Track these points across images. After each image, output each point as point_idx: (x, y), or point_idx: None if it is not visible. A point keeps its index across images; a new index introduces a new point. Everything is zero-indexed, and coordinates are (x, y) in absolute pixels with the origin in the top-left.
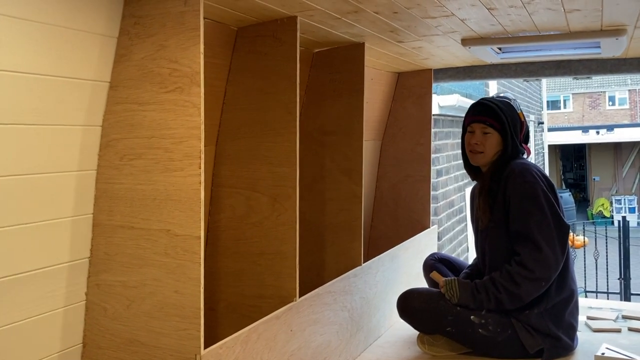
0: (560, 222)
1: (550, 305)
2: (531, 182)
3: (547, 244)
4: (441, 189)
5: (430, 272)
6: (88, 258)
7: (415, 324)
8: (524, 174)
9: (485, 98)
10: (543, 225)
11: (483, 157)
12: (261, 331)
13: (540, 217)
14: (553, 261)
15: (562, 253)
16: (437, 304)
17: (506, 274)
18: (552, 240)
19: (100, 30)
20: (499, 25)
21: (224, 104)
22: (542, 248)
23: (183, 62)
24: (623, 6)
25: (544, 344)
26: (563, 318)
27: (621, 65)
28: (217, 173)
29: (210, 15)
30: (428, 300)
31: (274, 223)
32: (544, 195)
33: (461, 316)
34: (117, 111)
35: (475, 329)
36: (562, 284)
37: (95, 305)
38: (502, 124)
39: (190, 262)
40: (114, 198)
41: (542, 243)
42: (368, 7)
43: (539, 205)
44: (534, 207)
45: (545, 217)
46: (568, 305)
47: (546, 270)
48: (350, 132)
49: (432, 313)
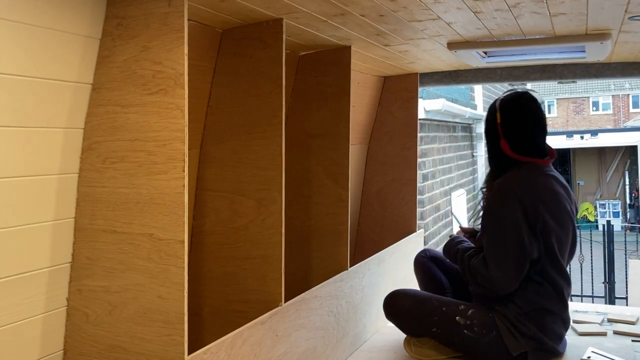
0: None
1: (535, 309)
2: (496, 200)
3: (497, 266)
4: (427, 193)
5: (422, 269)
6: (69, 263)
7: (401, 324)
8: (496, 191)
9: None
10: (493, 245)
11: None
12: (246, 337)
13: (492, 236)
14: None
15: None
16: (423, 304)
17: (470, 263)
18: (503, 262)
19: (83, 32)
20: (484, 29)
21: (208, 107)
22: (487, 267)
23: (167, 64)
24: (608, 10)
25: (527, 347)
26: (548, 325)
27: (605, 70)
28: (202, 176)
29: (194, 17)
30: (414, 300)
31: (259, 227)
32: (503, 215)
33: (447, 317)
34: (99, 113)
35: (460, 330)
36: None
37: (77, 311)
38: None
39: (173, 266)
40: (96, 202)
41: (492, 264)
42: (354, 9)
43: (498, 227)
44: (490, 224)
45: (500, 239)
46: (555, 315)
47: (486, 283)
48: (336, 135)
49: (418, 313)
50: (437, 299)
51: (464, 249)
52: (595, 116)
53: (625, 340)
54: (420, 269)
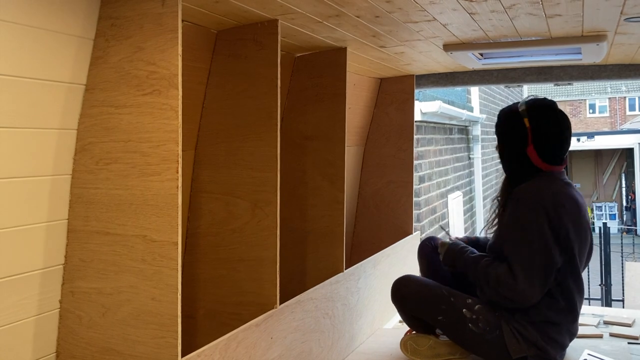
0: (548, 256)
1: (542, 320)
2: (522, 209)
3: (526, 277)
4: (424, 195)
5: (427, 258)
6: (62, 264)
7: (407, 308)
8: (520, 199)
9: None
10: (521, 255)
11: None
12: (241, 339)
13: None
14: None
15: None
16: (433, 291)
17: (486, 272)
18: (529, 274)
19: (77, 32)
20: (480, 31)
21: (203, 108)
22: (516, 278)
23: (161, 65)
24: (604, 12)
25: (528, 352)
26: (553, 335)
27: (602, 72)
28: (196, 178)
29: (189, 17)
30: (424, 286)
31: (254, 229)
32: (533, 225)
33: (454, 307)
34: (93, 114)
35: (465, 323)
36: (557, 307)
37: (70, 313)
38: (498, 136)
39: (167, 268)
40: (90, 203)
41: (521, 274)
42: (349, 10)
43: (527, 235)
44: (517, 233)
45: (524, 247)
46: (562, 327)
47: (512, 295)
48: (332, 137)
49: (427, 299)
50: (446, 289)
51: (475, 257)
52: (592, 119)
53: (622, 342)
54: (425, 258)
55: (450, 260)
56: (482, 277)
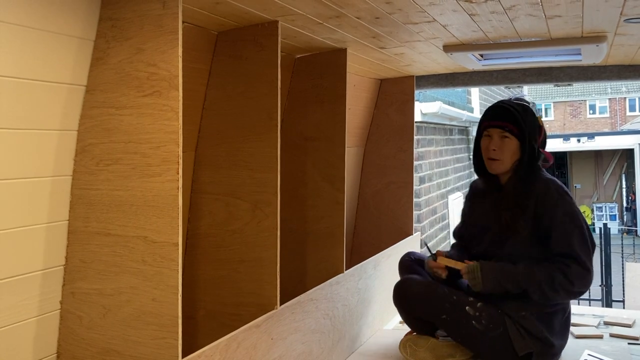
0: (592, 241)
1: (548, 311)
2: (570, 202)
3: (590, 265)
4: (424, 196)
5: (409, 272)
6: (63, 265)
7: (410, 309)
8: (562, 193)
9: (502, 101)
10: (584, 245)
11: (500, 165)
12: (241, 340)
13: (581, 238)
14: (591, 280)
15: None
16: (436, 290)
17: (549, 277)
18: (591, 259)
19: (77, 33)
20: (480, 32)
21: (203, 109)
22: (589, 269)
23: (161, 66)
24: (603, 12)
25: (534, 348)
26: (558, 326)
27: (601, 73)
28: (197, 179)
29: (189, 19)
30: (426, 286)
31: (254, 230)
32: (581, 215)
33: (457, 305)
34: (93, 115)
35: (469, 320)
36: None
37: (70, 314)
38: (521, 129)
39: (168, 269)
40: (90, 204)
41: (589, 264)
42: (349, 12)
43: (579, 226)
44: (576, 228)
45: (585, 237)
46: (564, 314)
47: (585, 287)
48: (332, 138)
49: (430, 299)
50: (448, 288)
51: (520, 269)
52: (592, 119)
53: (622, 343)
54: (407, 271)
55: (493, 281)
56: (546, 285)
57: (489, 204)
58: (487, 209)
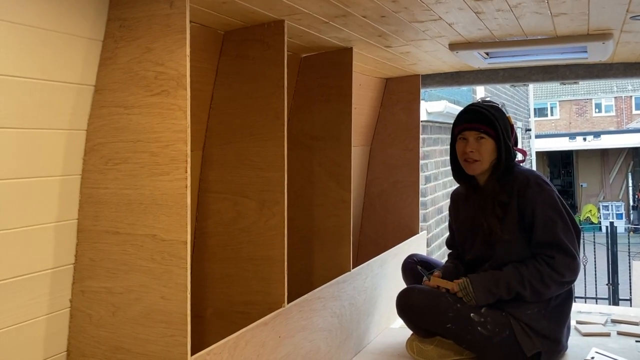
0: (576, 226)
1: (552, 307)
2: (549, 190)
3: (576, 251)
4: (430, 195)
5: (412, 274)
6: (72, 264)
7: (414, 319)
8: (541, 184)
9: (474, 104)
10: (567, 232)
11: (480, 166)
12: (249, 338)
13: (563, 225)
14: (579, 266)
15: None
16: (439, 300)
17: (536, 273)
18: (576, 246)
19: (86, 33)
20: (486, 30)
21: (211, 109)
22: (574, 255)
23: (169, 65)
24: (609, 10)
25: (542, 347)
26: (562, 320)
27: (608, 70)
28: (204, 178)
29: (196, 18)
30: (429, 296)
31: (262, 228)
32: (561, 202)
33: (462, 313)
34: (102, 115)
35: (474, 327)
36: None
37: (80, 312)
38: (496, 129)
39: (176, 267)
40: (99, 203)
41: (574, 250)
42: (356, 11)
43: (560, 213)
44: (557, 216)
45: (567, 224)
46: (567, 307)
47: (574, 275)
48: (338, 137)
49: (434, 309)
50: (451, 296)
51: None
52: (598, 118)
53: (629, 340)
54: (410, 274)
55: (486, 292)
56: (535, 281)
57: (472, 207)
58: (470, 213)
